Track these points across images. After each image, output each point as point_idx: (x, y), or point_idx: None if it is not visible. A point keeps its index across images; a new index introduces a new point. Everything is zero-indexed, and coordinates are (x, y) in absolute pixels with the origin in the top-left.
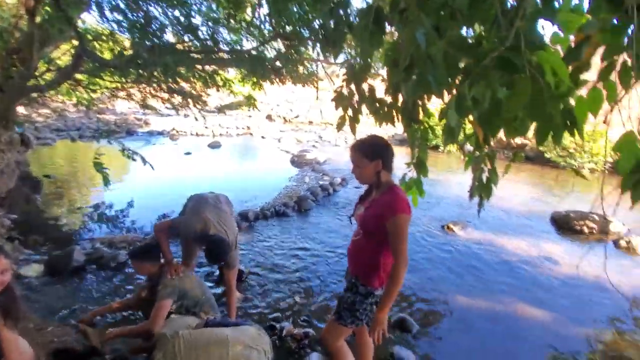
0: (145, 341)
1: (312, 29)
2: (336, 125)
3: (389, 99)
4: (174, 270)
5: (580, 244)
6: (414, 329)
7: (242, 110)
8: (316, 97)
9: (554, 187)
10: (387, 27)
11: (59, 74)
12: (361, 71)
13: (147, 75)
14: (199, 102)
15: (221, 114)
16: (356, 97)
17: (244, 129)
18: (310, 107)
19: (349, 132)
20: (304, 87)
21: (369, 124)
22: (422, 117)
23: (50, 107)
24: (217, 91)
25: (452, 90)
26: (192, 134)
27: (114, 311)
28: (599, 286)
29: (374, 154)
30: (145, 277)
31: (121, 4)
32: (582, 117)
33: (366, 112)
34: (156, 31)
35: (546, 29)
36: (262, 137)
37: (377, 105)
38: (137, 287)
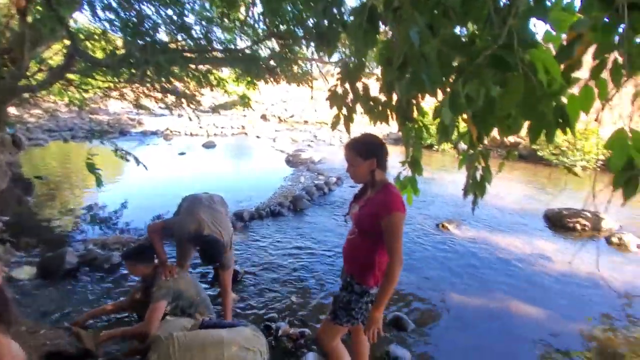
0: (140, 343)
1: (306, 27)
2: (330, 124)
3: (383, 97)
4: (168, 271)
5: (573, 241)
6: (410, 327)
7: (237, 109)
8: (311, 96)
9: (547, 185)
10: (381, 26)
11: (50, 74)
12: (355, 70)
13: (140, 74)
14: (193, 102)
15: (215, 113)
16: (351, 96)
17: (238, 128)
18: (305, 107)
19: (344, 131)
20: (298, 86)
21: (363, 123)
22: (416, 115)
23: (42, 108)
24: (211, 91)
25: (446, 88)
26: (186, 134)
27: (107, 313)
28: (592, 283)
29: (368, 153)
30: (139, 279)
31: (113, 3)
32: (574, 115)
33: (361, 111)
34: (149, 30)
35: (538, 28)
36: (257, 137)
37: (372, 104)
38: (131, 289)
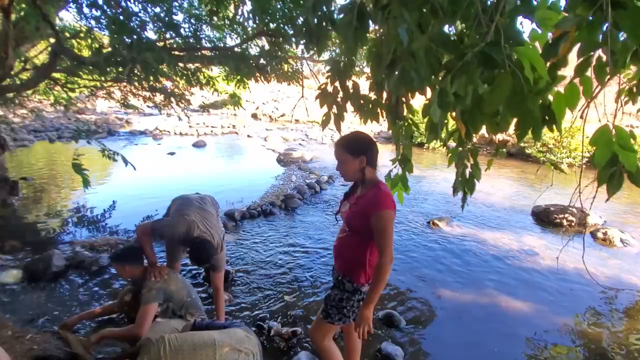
0: (131, 346)
1: (296, 25)
2: (321, 122)
3: (373, 96)
4: (158, 272)
5: (560, 237)
6: (401, 324)
7: (227, 109)
8: (301, 95)
9: (534, 182)
10: (370, 24)
11: (35, 73)
12: (345, 68)
13: (127, 72)
14: (183, 101)
15: (205, 112)
16: (341, 94)
17: (229, 127)
18: (295, 106)
19: (335, 130)
20: (289, 85)
21: (354, 122)
22: (406, 114)
23: (27, 108)
24: (201, 90)
25: (435, 86)
26: (175, 134)
27: (96, 316)
28: (578, 277)
29: (358, 150)
30: (128, 281)
31: (99, 0)
32: (560, 112)
33: (351, 109)
34: (136, 28)
35: (525, 26)
36: (248, 136)
37: (362, 102)
38: (120, 291)
